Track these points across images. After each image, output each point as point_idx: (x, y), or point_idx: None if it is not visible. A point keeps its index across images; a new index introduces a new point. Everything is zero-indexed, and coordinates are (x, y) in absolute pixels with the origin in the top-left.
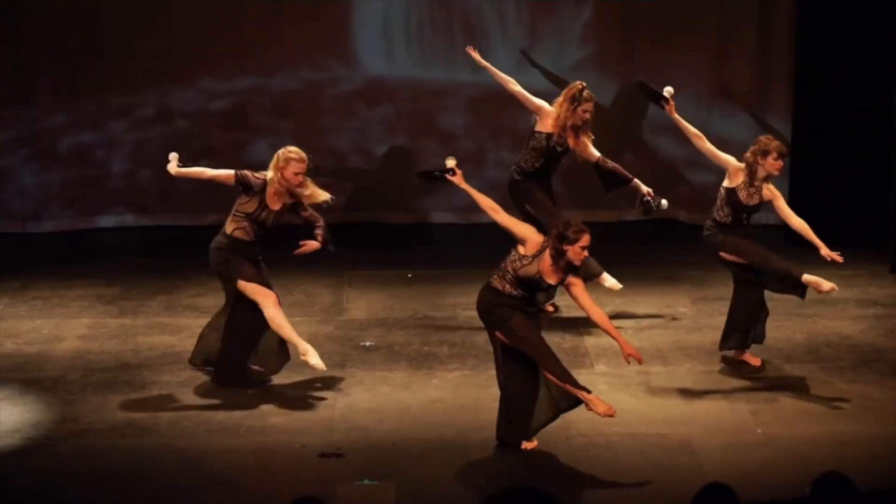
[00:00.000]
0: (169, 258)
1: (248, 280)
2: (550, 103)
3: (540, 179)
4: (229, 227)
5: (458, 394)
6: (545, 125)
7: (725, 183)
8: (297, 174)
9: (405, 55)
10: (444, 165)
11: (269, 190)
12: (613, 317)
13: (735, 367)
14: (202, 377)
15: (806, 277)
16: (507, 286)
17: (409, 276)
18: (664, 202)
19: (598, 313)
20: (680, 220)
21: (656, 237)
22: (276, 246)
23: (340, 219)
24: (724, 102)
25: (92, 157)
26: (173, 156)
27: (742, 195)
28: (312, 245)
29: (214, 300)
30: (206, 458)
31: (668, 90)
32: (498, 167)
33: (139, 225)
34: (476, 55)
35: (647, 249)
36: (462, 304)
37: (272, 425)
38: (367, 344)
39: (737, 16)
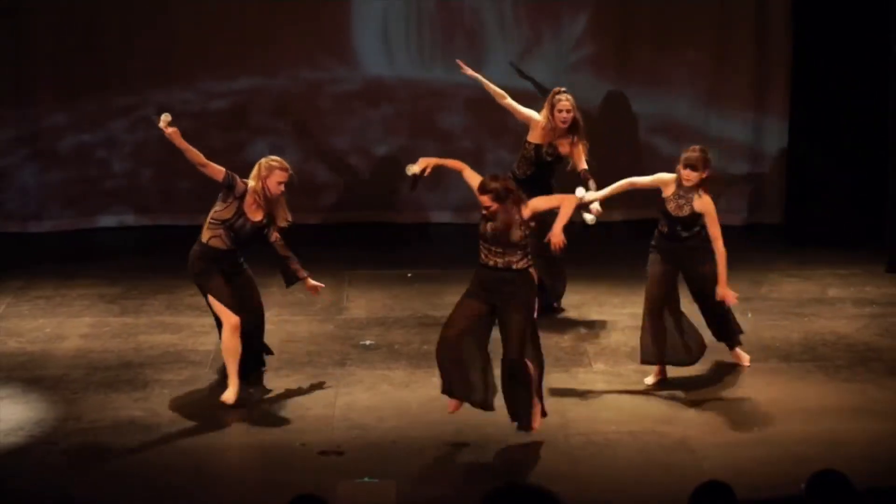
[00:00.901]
0: (170, 258)
1: (217, 298)
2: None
3: (532, 187)
4: (205, 236)
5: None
6: (535, 135)
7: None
8: (279, 183)
9: (404, 56)
10: (411, 174)
11: (249, 199)
12: (609, 316)
13: (733, 366)
14: (203, 376)
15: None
16: None
17: (409, 275)
18: (588, 217)
19: None
20: None
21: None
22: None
23: (340, 218)
24: (722, 103)
25: (92, 156)
26: (166, 116)
27: (671, 206)
28: (317, 285)
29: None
30: (208, 455)
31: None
32: (497, 167)
33: (140, 224)
34: (467, 69)
35: (644, 249)
36: None
37: (273, 424)
38: (367, 343)
39: (734, 17)
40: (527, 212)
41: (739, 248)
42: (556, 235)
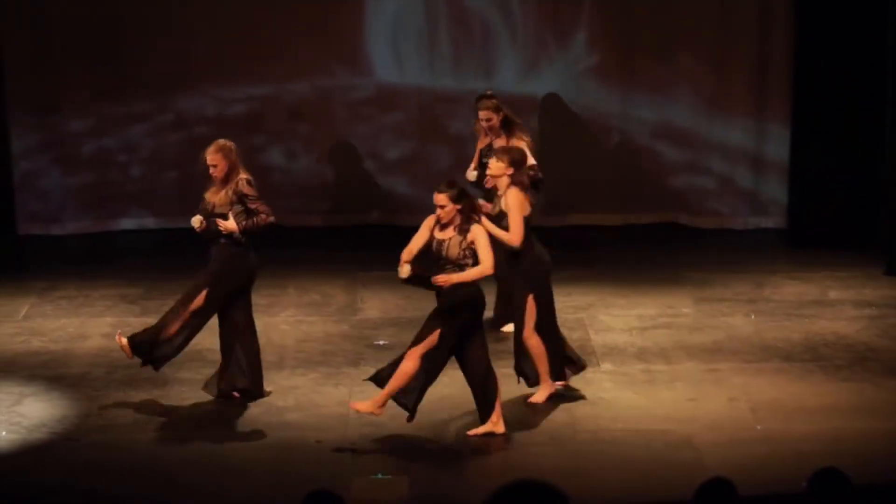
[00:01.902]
0: (188, 259)
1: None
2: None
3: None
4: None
5: (468, 391)
6: (480, 140)
7: None
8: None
9: (416, 63)
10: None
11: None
12: (616, 317)
13: (736, 366)
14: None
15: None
16: None
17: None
18: None
19: None
20: (681, 223)
21: (658, 240)
22: (295, 247)
23: (354, 221)
24: (724, 109)
25: (113, 160)
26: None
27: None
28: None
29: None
30: (225, 452)
31: None
32: None
33: (159, 227)
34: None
35: (650, 251)
36: None
37: (289, 421)
38: (381, 343)
39: (736, 23)
40: (470, 235)
41: (742, 251)
42: (441, 279)
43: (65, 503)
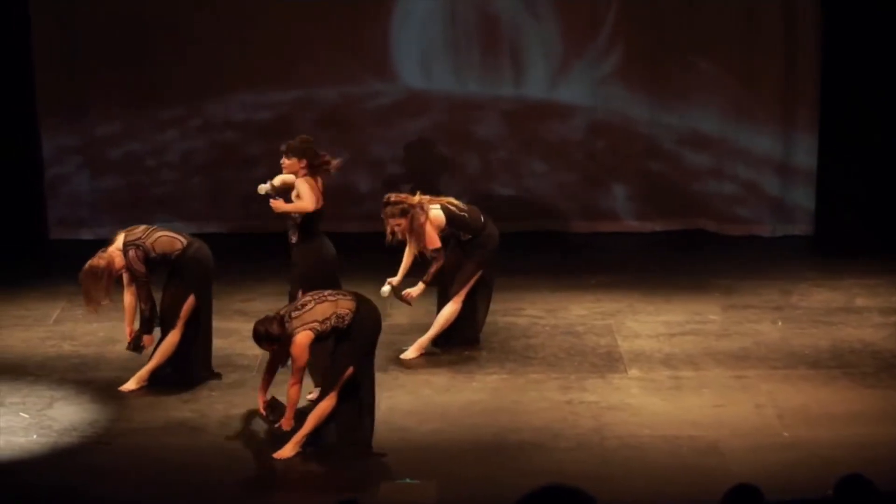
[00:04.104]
0: (219, 264)
1: None
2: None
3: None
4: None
5: (497, 396)
6: None
7: None
8: None
9: (443, 69)
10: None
11: None
12: (644, 324)
13: (762, 372)
14: (251, 379)
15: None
16: None
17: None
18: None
19: None
20: (708, 230)
21: (686, 247)
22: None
23: (382, 227)
24: (751, 116)
25: (142, 165)
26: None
27: None
28: None
29: (263, 305)
30: (255, 456)
31: None
32: (532, 177)
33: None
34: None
35: (677, 258)
36: (500, 311)
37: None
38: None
39: (763, 31)
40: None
41: (769, 258)
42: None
43: None
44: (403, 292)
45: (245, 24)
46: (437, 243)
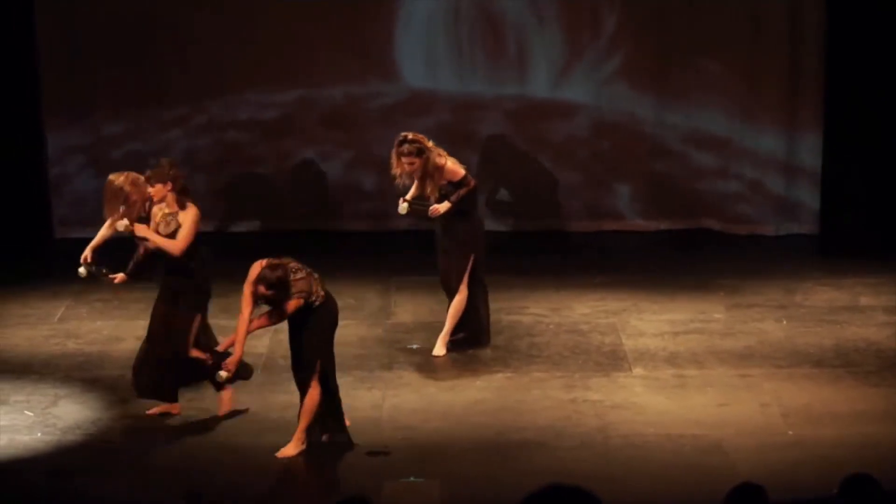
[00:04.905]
0: (223, 263)
1: None
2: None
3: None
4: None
5: (501, 395)
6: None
7: None
8: None
9: (446, 69)
10: None
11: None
12: (648, 322)
13: (767, 371)
14: (256, 378)
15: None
16: None
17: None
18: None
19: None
20: (713, 229)
21: (689, 246)
22: (329, 252)
23: (386, 226)
24: (756, 115)
25: (146, 164)
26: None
27: None
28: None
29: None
30: (260, 454)
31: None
32: (537, 177)
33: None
34: None
35: (681, 258)
36: (505, 309)
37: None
38: (414, 346)
39: (768, 31)
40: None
41: (773, 257)
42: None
43: None
44: (431, 208)
45: (249, 24)
46: (462, 171)
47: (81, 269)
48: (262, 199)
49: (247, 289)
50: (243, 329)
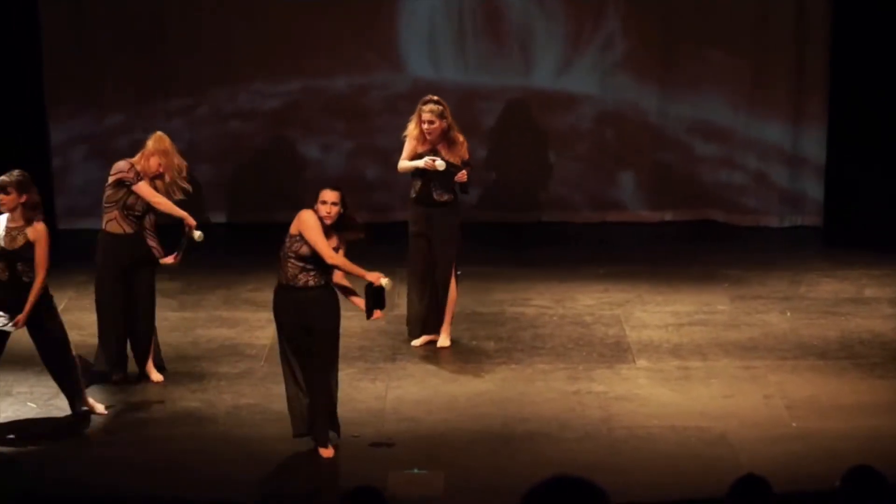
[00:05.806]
0: (227, 254)
1: None
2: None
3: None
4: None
5: (505, 386)
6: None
7: None
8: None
9: (450, 59)
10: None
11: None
12: (652, 314)
13: (771, 363)
14: (259, 369)
15: None
16: None
17: (458, 273)
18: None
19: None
20: (717, 220)
21: (694, 237)
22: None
23: (390, 217)
24: (761, 107)
25: None
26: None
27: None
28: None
29: (272, 295)
30: (263, 446)
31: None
32: (541, 167)
33: (197, 221)
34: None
35: (685, 249)
36: (509, 301)
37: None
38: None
39: (774, 22)
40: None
41: (778, 248)
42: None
43: (101, 498)
44: (460, 173)
45: (252, 14)
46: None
47: (199, 233)
48: (265, 190)
49: (314, 232)
50: (344, 260)
